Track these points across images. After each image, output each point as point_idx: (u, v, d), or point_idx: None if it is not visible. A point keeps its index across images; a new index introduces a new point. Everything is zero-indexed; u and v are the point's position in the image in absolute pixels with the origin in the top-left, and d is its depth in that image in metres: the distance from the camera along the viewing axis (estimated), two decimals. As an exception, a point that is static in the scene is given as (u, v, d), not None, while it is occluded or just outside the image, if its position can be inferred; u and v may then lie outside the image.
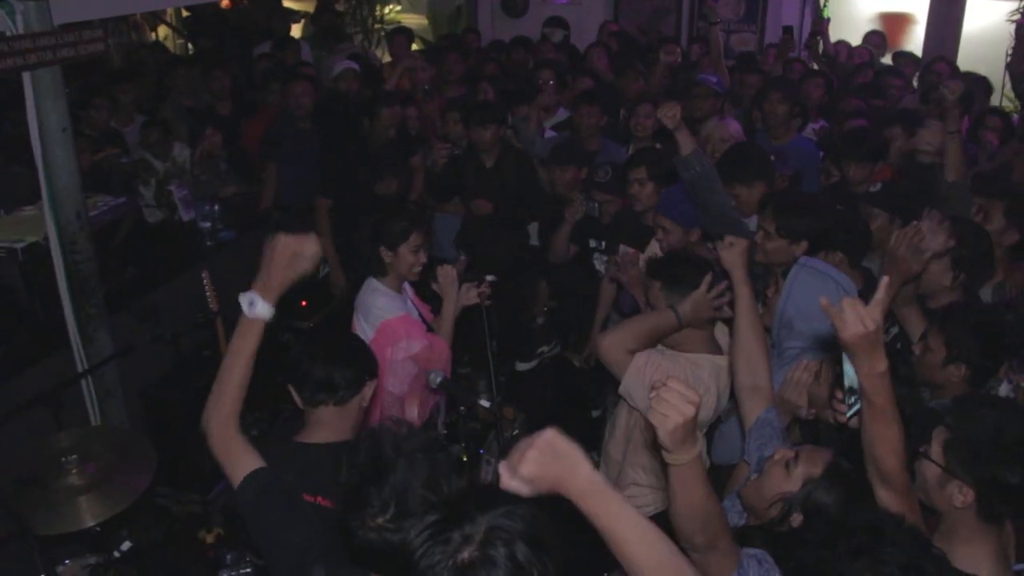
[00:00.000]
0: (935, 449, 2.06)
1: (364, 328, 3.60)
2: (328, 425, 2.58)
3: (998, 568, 2.02)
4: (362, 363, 2.66)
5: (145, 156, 5.63)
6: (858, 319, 1.83)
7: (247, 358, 2.17)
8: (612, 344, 2.95)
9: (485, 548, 1.42)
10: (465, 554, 1.41)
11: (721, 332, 3.18)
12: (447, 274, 3.64)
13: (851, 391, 2.12)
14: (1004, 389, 2.85)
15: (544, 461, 1.56)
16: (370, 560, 1.86)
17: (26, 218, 4.19)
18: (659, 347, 3.05)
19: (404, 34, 7.99)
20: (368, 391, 2.65)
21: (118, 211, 4.48)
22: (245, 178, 5.90)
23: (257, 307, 2.15)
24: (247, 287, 2.16)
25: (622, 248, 4.37)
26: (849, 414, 2.19)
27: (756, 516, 2.28)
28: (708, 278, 2.95)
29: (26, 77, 3.52)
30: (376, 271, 3.63)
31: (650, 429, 1.79)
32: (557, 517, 1.55)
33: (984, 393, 2.66)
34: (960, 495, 2.00)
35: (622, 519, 1.57)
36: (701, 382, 2.93)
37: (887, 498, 2.03)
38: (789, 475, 2.18)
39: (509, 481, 1.57)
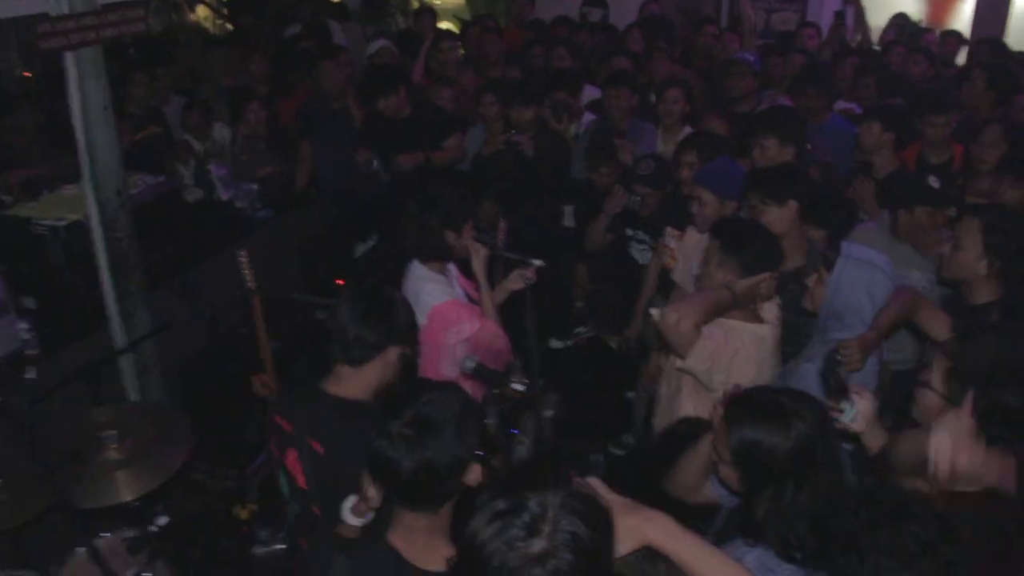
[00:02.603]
0: (936, 378, 2.08)
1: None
2: (344, 381, 2.53)
3: None
4: (386, 328, 2.52)
5: (186, 137, 5.69)
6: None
7: None
8: (681, 319, 2.88)
9: (553, 535, 1.40)
10: (535, 545, 1.40)
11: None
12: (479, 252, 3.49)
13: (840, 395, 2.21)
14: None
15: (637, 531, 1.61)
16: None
17: (68, 197, 4.25)
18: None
19: (429, 12, 8.16)
20: (391, 355, 2.54)
21: (158, 190, 4.53)
22: (283, 157, 5.93)
23: None
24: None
25: (668, 230, 4.31)
26: (846, 420, 2.24)
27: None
28: (765, 276, 3.01)
29: (68, 57, 3.56)
30: (441, 255, 3.50)
31: None
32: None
33: (984, 321, 2.62)
34: None
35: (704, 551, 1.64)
36: (743, 346, 2.95)
37: None
38: None
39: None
